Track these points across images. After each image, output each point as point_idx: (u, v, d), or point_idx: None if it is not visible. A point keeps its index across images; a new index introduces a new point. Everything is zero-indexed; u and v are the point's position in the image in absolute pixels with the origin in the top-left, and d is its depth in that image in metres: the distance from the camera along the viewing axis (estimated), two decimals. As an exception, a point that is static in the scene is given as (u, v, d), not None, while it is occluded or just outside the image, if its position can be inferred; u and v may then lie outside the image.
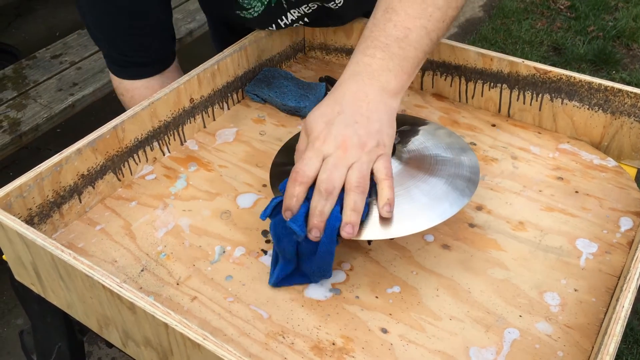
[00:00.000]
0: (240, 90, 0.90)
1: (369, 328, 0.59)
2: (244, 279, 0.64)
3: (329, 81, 0.92)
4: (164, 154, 0.80)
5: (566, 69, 0.79)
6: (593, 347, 0.56)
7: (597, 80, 0.76)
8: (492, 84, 0.84)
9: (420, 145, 0.68)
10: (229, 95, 0.88)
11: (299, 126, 0.86)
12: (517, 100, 0.83)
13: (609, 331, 0.49)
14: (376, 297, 0.61)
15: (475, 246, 0.66)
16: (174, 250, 0.67)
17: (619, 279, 0.62)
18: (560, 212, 0.70)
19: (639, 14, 2.83)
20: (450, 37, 2.70)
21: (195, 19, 2.09)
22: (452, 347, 0.57)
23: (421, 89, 0.91)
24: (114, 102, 0.97)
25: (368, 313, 0.60)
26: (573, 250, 0.65)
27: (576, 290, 0.61)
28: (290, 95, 0.87)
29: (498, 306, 0.60)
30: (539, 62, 0.81)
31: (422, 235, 0.68)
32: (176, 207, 0.73)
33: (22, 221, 0.60)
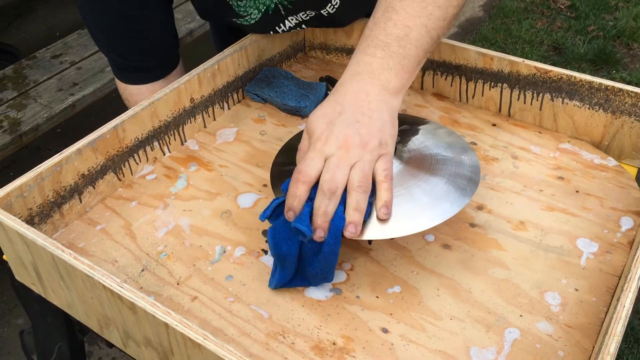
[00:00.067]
0: (240, 90, 0.90)
1: (369, 328, 0.58)
2: (245, 279, 0.64)
3: (329, 81, 0.92)
4: (164, 154, 0.80)
5: (566, 69, 0.79)
6: (594, 347, 0.56)
7: (597, 80, 0.76)
8: (492, 83, 0.84)
9: (420, 145, 0.68)
10: (230, 95, 0.88)
11: (300, 126, 0.86)
12: (518, 99, 0.83)
13: (610, 331, 0.49)
14: (377, 297, 0.61)
15: (476, 246, 0.66)
16: (174, 250, 0.67)
17: (619, 279, 0.62)
18: (561, 211, 0.70)
19: (639, 14, 2.83)
20: (450, 36, 2.70)
21: (195, 18, 2.09)
22: (452, 347, 0.56)
23: (422, 88, 0.91)
24: (114, 102, 0.97)
25: (369, 313, 0.60)
26: (574, 249, 0.65)
27: (577, 290, 0.61)
28: (291, 95, 0.87)
29: (499, 306, 0.60)
30: (539, 61, 0.81)
31: (422, 235, 0.68)
32: (176, 207, 0.73)
33: (22, 221, 0.60)
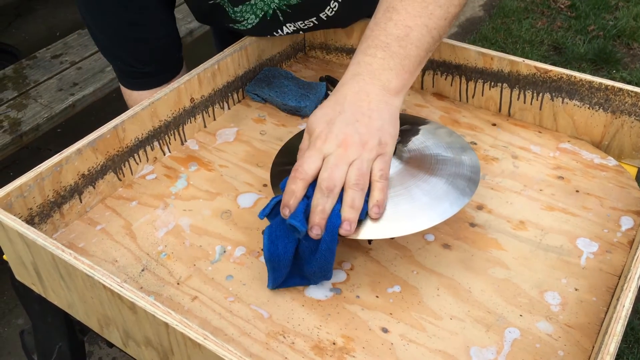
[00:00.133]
0: (240, 89, 0.90)
1: (369, 327, 0.58)
2: (245, 279, 0.64)
3: (329, 81, 0.92)
4: (164, 154, 0.80)
5: (566, 68, 0.79)
6: (594, 347, 0.56)
7: (597, 80, 0.76)
8: (492, 83, 0.84)
9: (420, 145, 0.68)
10: (230, 94, 0.88)
11: (300, 126, 0.86)
12: (518, 99, 0.83)
13: (610, 330, 0.49)
14: (377, 297, 0.61)
15: (476, 246, 0.66)
16: (174, 250, 0.67)
17: (619, 278, 0.62)
18: (561, 211, 0.70)
19: (639, 13, 2.83)
20: (450, 36, 2.70)
21: (196, 18, 2.09)
22: (452, 347, 0.57)
23: (422, 88, 0.91)
24: (114, 102, 0.97)
25: (368, 312, 0.60)
26: (574, 249, 0.65)
27: (577, 290, 0.61)
28: (291, 94, 0.87)
29: (499, 305, 0.60)
30: (540, 61, 0.81)
31: (422, 235, 0.68)
32: (177, 206, 0.73)
33: (22, 221, 0.60)
